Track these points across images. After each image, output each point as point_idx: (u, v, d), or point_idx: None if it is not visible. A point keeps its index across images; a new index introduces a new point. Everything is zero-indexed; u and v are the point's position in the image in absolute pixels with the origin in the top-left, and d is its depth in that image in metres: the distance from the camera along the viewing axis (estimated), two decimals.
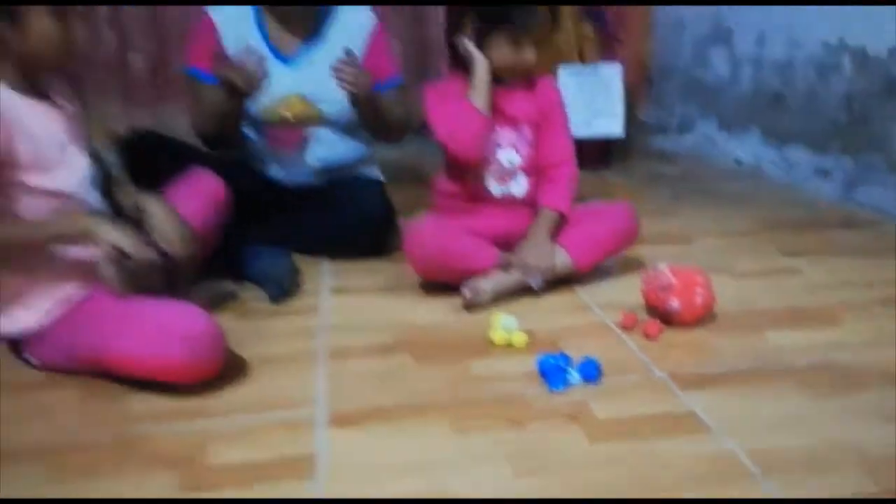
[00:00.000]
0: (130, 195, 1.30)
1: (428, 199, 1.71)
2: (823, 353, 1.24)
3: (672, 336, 1.31)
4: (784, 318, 1.39)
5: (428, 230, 1.47)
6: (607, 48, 2.65)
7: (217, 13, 1.73)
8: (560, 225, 1.53)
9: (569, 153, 1.58)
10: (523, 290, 1.49)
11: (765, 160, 2.53)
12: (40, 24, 1.10)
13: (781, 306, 1.44)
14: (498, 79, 1.51)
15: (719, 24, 2.72)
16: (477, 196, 1.58)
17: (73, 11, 1.14)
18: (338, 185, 1.82)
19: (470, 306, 1.42)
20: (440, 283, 1.50)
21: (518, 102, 1.54)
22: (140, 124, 2.70)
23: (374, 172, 1.93)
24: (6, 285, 1.15)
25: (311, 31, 1.74)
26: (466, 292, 1.42)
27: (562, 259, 1.49)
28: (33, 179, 1.12)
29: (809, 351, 1.25)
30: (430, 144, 1.62)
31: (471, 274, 1.45)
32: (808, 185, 2.31)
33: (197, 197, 1.39)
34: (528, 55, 1.47)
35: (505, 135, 1.55)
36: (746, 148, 2.62)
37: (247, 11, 1.73)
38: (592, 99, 2.52)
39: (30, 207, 1.13)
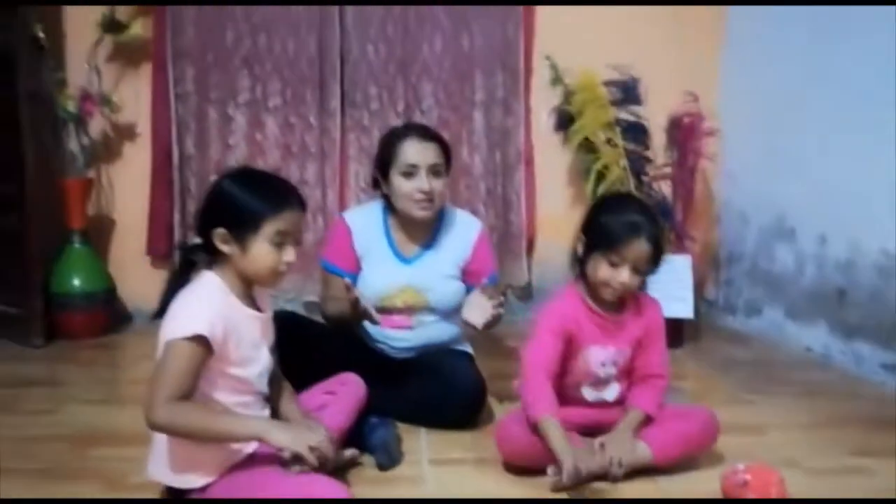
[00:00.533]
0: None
1: (512, 369, 1.90)
2: None
3: None
4: None
5: (516, 429, 1.65)
6: (678, 242, 2.92)
7: (351, 219, 2.11)
8: (645, 423, 1.69)
9: (665, 368, 1.75)
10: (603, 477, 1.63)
11: (833, 350, 2.65)
12: (261, 252, 1.42)
13: None
14: (603, 301, 1.70)
15: (782, 221, 2.96)
16: (569, 398, 1.75)
17: (290, 241, 1.44)
18: (435, 358, 2.07)
19: (555, 488, 1.56)
20: None
21: (627, 329, 1.72)
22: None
23: (466, 346, 2.19)
24: (183, 451, 1.40)
25: (427, 238, 2.09)
26: (551, 473, 1.56)
27: (643, 452, 1.64)
28: (230, 369, 1.41)
29: None
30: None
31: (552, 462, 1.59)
32: (875, 377, 2.41)
33: (347, 400, 1.72)
34: (623, 278, 1.61)
35: (609, 353, 1.72)
36: (815, 337, 2.75)
37: (378, 219, 2.10)
38: (664, 286, 2.72)
39: (220, 389, 1.41)
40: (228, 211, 1.41)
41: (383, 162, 2.03)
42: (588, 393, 1.77)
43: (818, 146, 2.74)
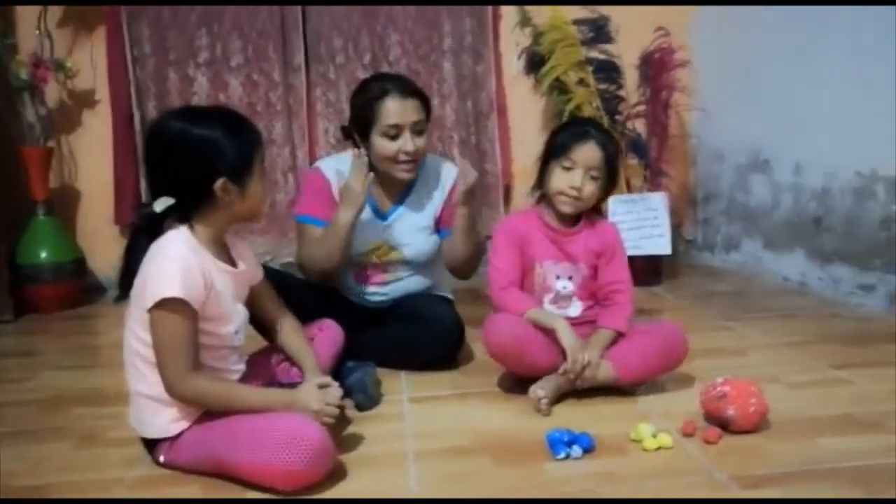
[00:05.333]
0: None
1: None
2: (874, 457, 1.33)
3: (730, 441, 1.42)
4: (835, 425, 1.48)
5: (503, 320, 1.68)
6: (653, 178, 2.90)
7: (328, 170, 1.98)
8: (615, 341, 1.70)
9: (627, 283, 1.77)
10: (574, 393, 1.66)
11: (811, 277, 2.66)
12: (257, 189, 1.39)
13: (832, 414, 1.54)
14: (562, 216, 1.76)
15: (757, 155, 2.95)
16: None
17: (264, 171, 1.43)
18: (412, 301, 2.03)
19: (539, 407, 1.58)
20: (502, 392, 1.72)
21: (579, 244, 1.76)
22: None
23: (445, 292, 2.16)
24: (153, 403, 1.35)
25: (402, 191, 2.01)
26: (539, 391, 1.59)
27: (605, 371, 1.64)
28: (206, 326, 1.36)
29: (860, 455, 1.34)
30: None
31: (536, 365, 1.65)
32: (853, 299, 2.42)
33: (325, 344, 1.68)
34: (576, 181, 1.69)
35: (563, 268, 1.77)
36: (792, 266, 2.76)
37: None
38: (641, 223, 2.74)
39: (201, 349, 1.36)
40: (223, 159, 1.33)
41: (363, 121, 1.91)
42: (551, 310, 1.76)
43: (791, 76, 2.71)
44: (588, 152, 1.69)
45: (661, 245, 2.77)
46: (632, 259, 2.74)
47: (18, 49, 2.89)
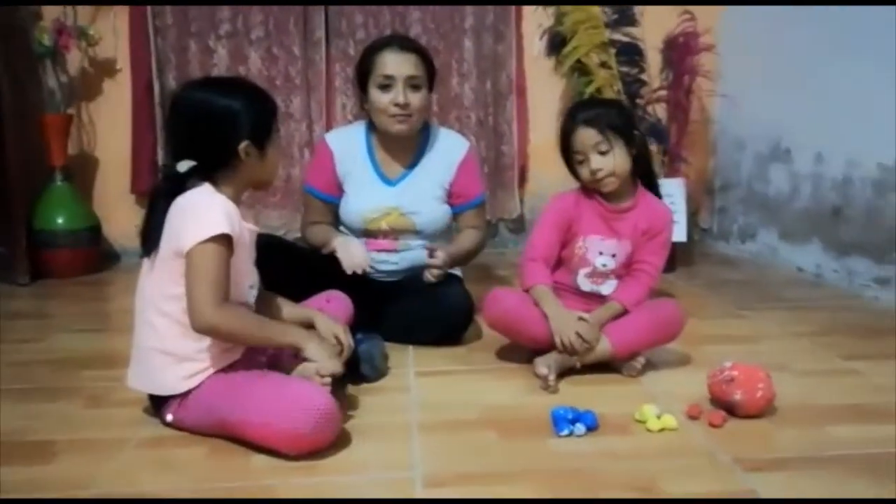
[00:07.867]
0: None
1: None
2: (881, 446, 1.31)
3: (735, 425, 1.41)
4: (843, 414, 1.47)
5: (506, 293, 1.75)
6: (671, 164, 2.87)
7: (333, 141, 2.03)
8: (620, 315, 1.71)
9: (656, 266, 1.76)
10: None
11: (826, 269, 2.62)
12: (274, 153, 1.46)
13: (841, 403, 1.53)
14: (611, 195, 1.74)
15: (778, 144, 2.91)
16: (565, 287, 1.78)
17: (279, 139, 1.48)
18: (423, 279, 2.03)
19: (547, 384, 1.59)
20: (509, 368, 1.74)
21: (629, 222, 1.74)
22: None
23: (455, 270, 2.15)
24: (166, 359, 1.37)
25: (411, 158, 2.02)
26: (542, 368, 1.60)
27: (602, 347, 1.66)
28: (231, 276, 1.37)
29: (867, 443, 1.33)
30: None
31: (535, 338, 1.68)
32: (868, 292, 2.39)
33: (336, 314, 1.65)
34: (593, 164, 1.68)
35: (608, 245, 1.74)
36: (807, 257, 2.73)
37: (360, 140, 2.03)
38: None
39: None
40: (246, 124, 1.39)
41: (362, 74, 1.95)
42: (584, 283, 1.77)
43: (817, 65, 2.66)
44: (584, 136, 1.68)
45: (675, 232, 2.72)
46: None
47: (42, 16, 2.90)
